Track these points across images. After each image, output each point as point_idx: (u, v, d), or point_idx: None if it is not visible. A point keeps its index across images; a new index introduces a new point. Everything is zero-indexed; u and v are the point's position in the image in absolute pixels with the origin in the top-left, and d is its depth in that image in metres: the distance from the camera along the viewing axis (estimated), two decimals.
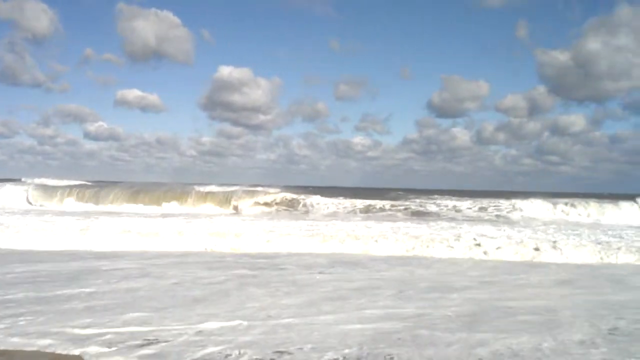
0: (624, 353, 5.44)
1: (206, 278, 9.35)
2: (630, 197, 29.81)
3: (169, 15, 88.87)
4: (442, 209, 27.78)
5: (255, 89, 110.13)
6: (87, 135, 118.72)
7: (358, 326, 6.22)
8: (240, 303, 7.37)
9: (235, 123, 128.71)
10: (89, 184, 40.10)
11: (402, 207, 28.23)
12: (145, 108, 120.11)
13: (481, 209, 28.26)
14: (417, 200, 30.99)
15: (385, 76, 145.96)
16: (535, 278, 10.43)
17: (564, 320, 6.78)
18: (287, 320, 6.45)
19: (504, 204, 29.14)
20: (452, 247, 13.97)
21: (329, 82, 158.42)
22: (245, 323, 6.23)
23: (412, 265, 11.86)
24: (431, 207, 28.01)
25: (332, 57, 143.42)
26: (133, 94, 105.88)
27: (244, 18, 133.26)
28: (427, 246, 14.04)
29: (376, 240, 14.60)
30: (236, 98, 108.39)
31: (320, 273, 10.23)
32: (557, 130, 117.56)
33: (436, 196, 33.42)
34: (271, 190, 32.83)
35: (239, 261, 11.67)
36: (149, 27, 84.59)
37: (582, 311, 7.34)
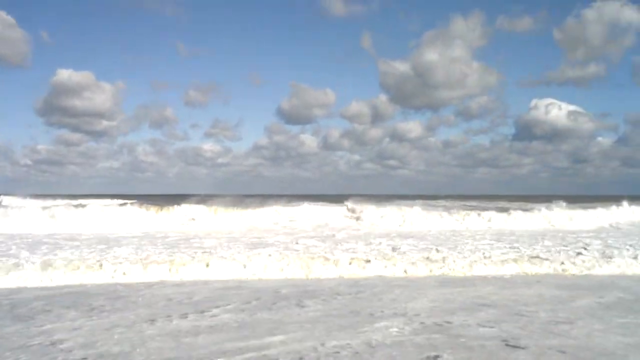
0: None
1: None
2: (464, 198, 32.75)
3: (1, 14, 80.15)
4: None
5: (98, 93, 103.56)
6: None
7: None
8: None
9: (76, 129, 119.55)
10: None
11: None
12: None
13: None
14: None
15: (236, 82, 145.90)
16: None
17: None
18: None
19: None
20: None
21: (178, 87, 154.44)
22: None
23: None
24: None
25: (180, 61, 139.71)
26: None
27: (86, 19, 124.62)
28: None
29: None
30: (76, 103, 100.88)
31: None
32: (396, 136, 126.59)
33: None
34: None
35: None
36: None
37: None
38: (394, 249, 14.20)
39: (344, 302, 8.19)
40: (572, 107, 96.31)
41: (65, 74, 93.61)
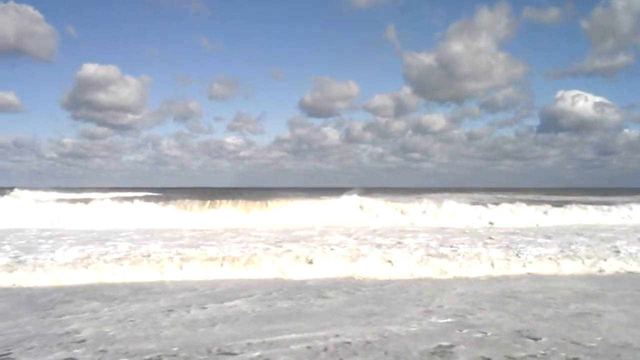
0: None
1: None
2: (487, 190, 32.33)
3: (29, 10, 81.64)
4: None
5: (123, 87, 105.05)
6: None
7: None
8: None
9: (101, 123, 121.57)
10: None
11: None
12: (1, 108, 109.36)
13: None
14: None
15: (259, 76, 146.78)
16: None
17: None
18: None
19: None
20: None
21: (202, 81, 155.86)
22: None
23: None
24: None
25: (204, 56, 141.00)
26: None
27: (111, 14, 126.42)
28: None
29: None
30: (102, 97, 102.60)
31: None
32: (419, 129, 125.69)
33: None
34: None
35: None
36: (7, 21, 77.39)
37: None
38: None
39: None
40: (598, 99, 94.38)
41: (91, 68, 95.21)
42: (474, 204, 25.16)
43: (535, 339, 5.51)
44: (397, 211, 23.37)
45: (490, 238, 15.29)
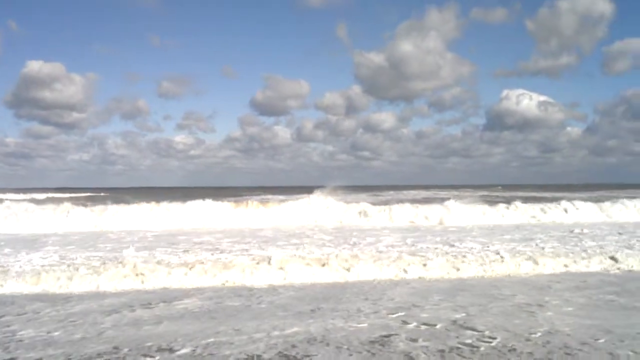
0: None
1: None
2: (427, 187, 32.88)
3: None
4: None
5: (69, 85, 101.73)
6: None
7: None
8: None
9: (45, 122, 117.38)
10: None
11: None
12: None
13: None
14: None
15: (210, 74, 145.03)
16: None
17: None
18: None
19: None
20: None
21: (151, 79, 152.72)
22: None
23: None
24: None
25: (153, 53, 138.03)
26: None
27: (57, 9, 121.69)
28: None
29: None
30: (46, 95, 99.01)
31: None
32: (370, 128, 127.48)
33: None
34: None
35: None
36: None
37: None
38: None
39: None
40: (542, 97, 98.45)
41: (35, 65, 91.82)
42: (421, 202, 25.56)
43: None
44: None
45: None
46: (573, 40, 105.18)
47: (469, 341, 5.29)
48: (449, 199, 24.24)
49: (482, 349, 5.06)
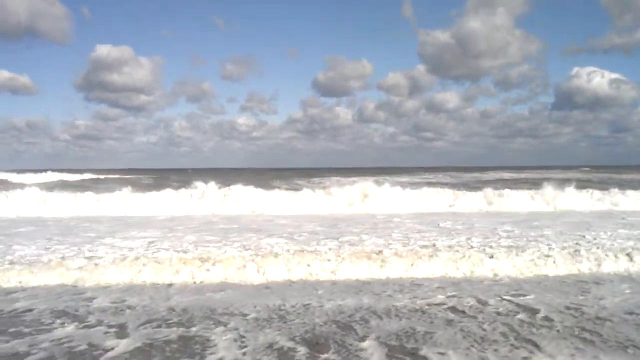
0: None
1: None
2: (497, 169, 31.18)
3: None
4: None
5: (136, 68, 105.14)
6: None
7: None
8: None
9: (114, 104, 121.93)
10: None
11: None
12: (15, 90, 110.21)
13: None
14: None
15: (272, 56, 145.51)
16: None
17: None
18: None
19: None
20: None
21: (215, 61, 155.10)
22: None
23: None
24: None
25: (217, 36, 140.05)
26: (1, 75, 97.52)
27: None
28: None
29: None
30: (115, 78, 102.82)
31: None
32: (433, 108, 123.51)
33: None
34: None
35: None
36: (22, 3, 78.24)
37: None
38: None
39: None
40: (615, 75, 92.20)
41: (104, 49, 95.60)
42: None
43: None
44: None
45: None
46: None
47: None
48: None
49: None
